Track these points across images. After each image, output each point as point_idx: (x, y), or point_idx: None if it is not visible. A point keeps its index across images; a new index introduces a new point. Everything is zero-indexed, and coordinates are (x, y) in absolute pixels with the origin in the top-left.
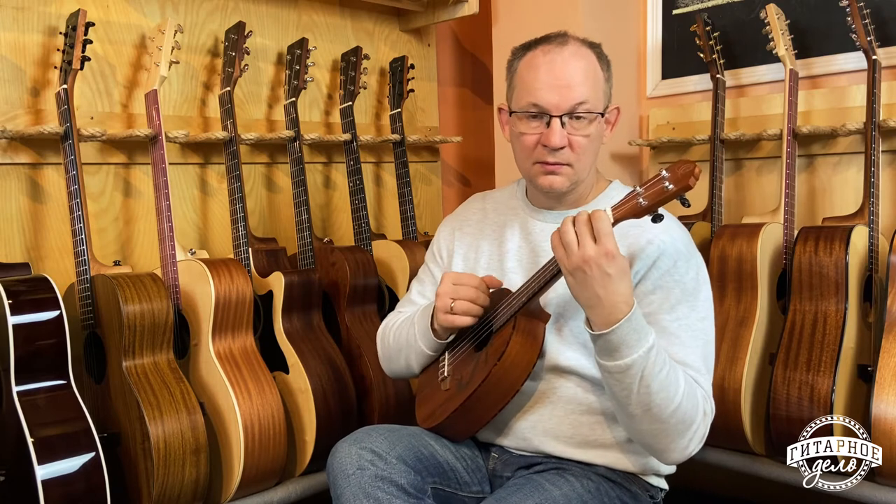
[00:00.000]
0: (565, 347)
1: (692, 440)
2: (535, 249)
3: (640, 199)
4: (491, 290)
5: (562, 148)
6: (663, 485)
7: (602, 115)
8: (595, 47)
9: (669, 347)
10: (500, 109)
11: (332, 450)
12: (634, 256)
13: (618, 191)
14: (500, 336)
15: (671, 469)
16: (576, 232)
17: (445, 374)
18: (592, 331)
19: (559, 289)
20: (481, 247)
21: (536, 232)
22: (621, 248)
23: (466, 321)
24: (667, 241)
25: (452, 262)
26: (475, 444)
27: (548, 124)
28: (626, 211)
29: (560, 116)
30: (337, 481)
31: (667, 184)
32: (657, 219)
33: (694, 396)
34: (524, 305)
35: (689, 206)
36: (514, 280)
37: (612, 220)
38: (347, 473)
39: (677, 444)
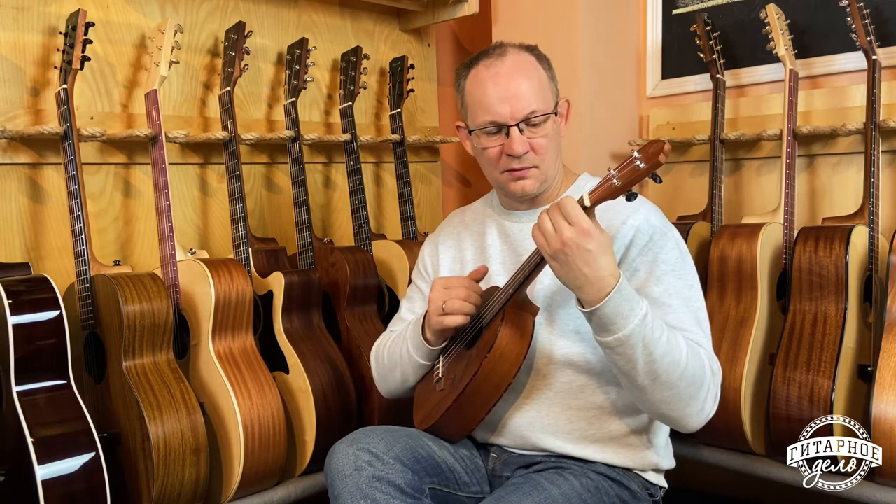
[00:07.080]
0: (557, 337)
1: (706, 401)
2: (517, 250)
3: (615, 180)
4: (483, 289)
5: (525, 153)
6: (662, 482)
7: (554, 113)
8: (532, 50)
9: (663, 317)
10: (458, 127)
11: (330, 450)
12: (612, 238)
13: (587, 181)
14: (489, 330)
15: (670, 465)
16: (551, 221)
17: (440, 375)
18: (584, 309)
19: (545, 280)
20: (465, 257)
21: (514, 233)
22: None
23: (459, 320)
24: (640, 218)
25: (439, 275)
26: (474, 445)
27: (507, 134)
28: (602, 192)
29: (517, 124)
30: (335, 482)
31: (638, 163)
32: (631, 197)
33: (698, 357)
34: (511, 297)
35: (660, 181)
36: (500, 283)
37: (589, 205)
38: (345, 474)
39: (692, 408)
